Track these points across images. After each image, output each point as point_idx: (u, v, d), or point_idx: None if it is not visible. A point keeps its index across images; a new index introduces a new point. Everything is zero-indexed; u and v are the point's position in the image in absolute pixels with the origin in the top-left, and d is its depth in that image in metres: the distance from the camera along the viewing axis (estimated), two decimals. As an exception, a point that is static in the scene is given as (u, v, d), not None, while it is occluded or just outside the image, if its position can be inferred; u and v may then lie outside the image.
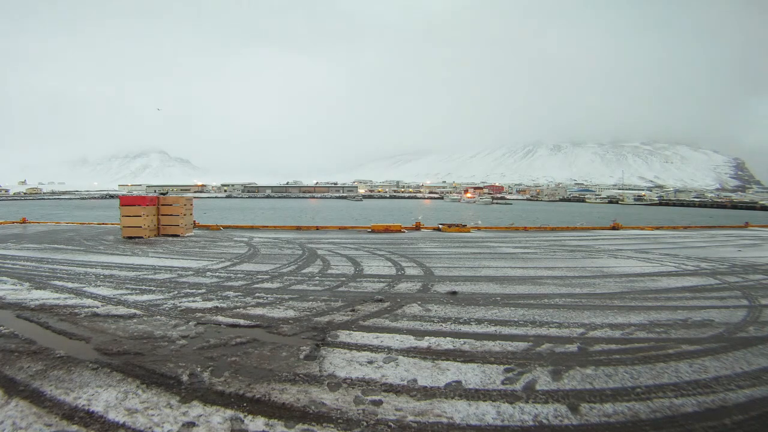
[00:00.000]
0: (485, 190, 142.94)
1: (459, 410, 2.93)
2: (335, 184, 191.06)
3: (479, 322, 4.91)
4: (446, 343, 4.19)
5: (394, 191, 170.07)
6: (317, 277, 7.43)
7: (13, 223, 19.57)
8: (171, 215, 14.40)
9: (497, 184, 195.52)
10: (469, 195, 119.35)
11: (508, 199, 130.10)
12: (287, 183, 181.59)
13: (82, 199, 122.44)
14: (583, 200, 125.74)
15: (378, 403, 3.01)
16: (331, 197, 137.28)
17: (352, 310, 5.33)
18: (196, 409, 2.90)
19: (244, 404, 2.98)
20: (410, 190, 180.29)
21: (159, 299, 5.85)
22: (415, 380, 3.38)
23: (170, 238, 13.49)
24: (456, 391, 3.21)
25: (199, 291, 6.35)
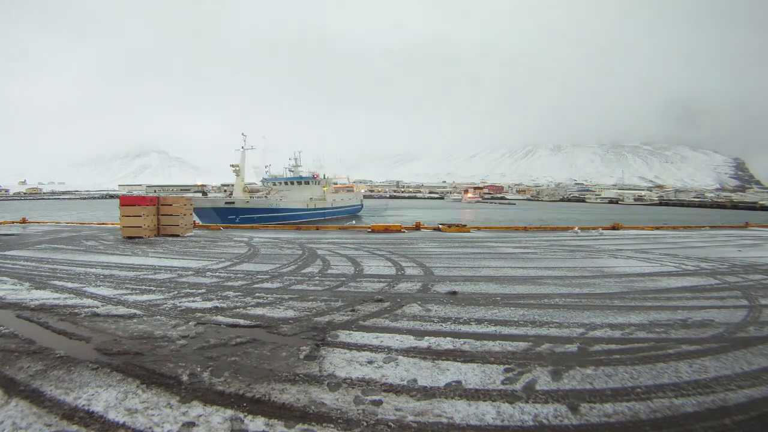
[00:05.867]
0: (485, 190, 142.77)
1: (459, 410, 2.93)
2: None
3: (479, 322, 4.91)
4: (446, 343, 4.19)
5: (394, 191, 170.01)
6: (317, 277, 7.43)
7: (13, 223, 19.57)
8: (171, 215, 14.41)
9: (497, 184, 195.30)
10: (470, 195, 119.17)
11: (509, 199, 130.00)
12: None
13: (82, 199, 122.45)
14: (583, 200, 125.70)
15: (378, 403, 3.01)
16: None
17: (352, 310, 5.33)
18: (196, 409, 2.90)
19: (244, 404, 2.98)
20: (410, 189, 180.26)
21: (159, 299, 5.85)
22: (415, 380, 3.38)
23: (170, 238, 13.49)
24: (456, 391, 3.21)
25: (199, 291, 6.35)
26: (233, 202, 34.16)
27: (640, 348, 4.10)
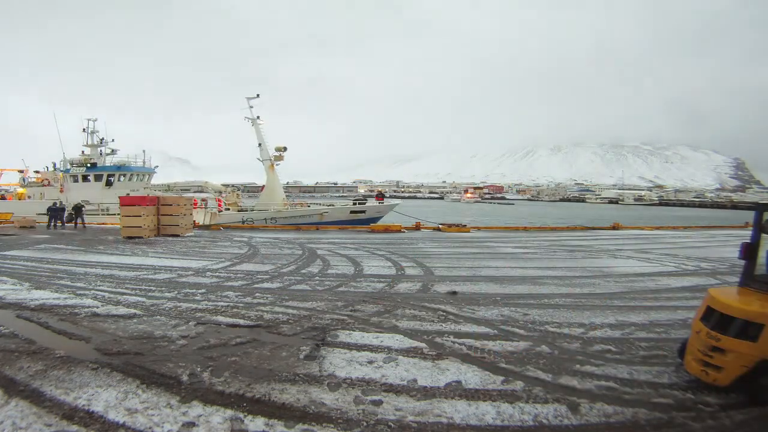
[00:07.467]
0: (485, 191, 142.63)
1: (459, 410, 2.93)
2: (335, 184, 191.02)
3: (479, 322, 4.90)
4: (446, 343, 4.18)
5: (394, 191, 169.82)
6: (317, 277, 7.43)
7: (13, 223, 19.53)
8: (171, 215, 14.41)
9: (497, 184, 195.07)
10: (469, 195, 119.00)
11: (508, 199, 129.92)
12: (287, 183, 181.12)
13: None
14: (583, 200, 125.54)
15: (378, 403, 3.01)
16: (331, 197, 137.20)
17: (353, 310, 5.33)
18: (196, 409, 2.90)
19: (244, 404, 2.98)
20: (410, 189, 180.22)
21: (159, 299, 5.85)
22: (415, 380, 3.38)
23: (170, 238, 13.49)
24: (456, 391, 3.21)
25: (199, 291, 6.35)
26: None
27: (640, 348, 4.10)
